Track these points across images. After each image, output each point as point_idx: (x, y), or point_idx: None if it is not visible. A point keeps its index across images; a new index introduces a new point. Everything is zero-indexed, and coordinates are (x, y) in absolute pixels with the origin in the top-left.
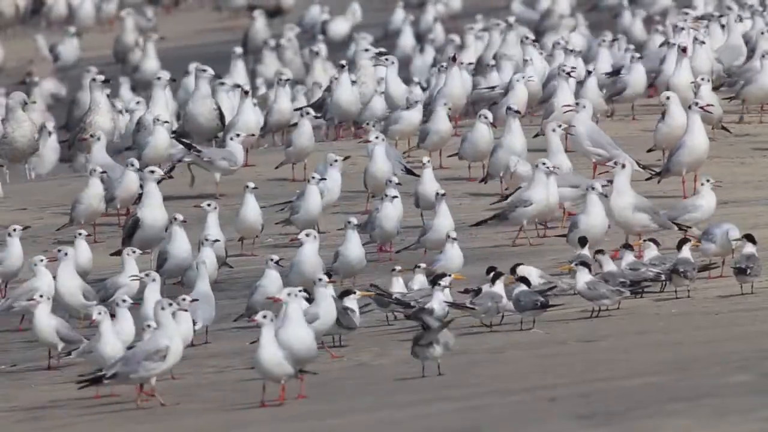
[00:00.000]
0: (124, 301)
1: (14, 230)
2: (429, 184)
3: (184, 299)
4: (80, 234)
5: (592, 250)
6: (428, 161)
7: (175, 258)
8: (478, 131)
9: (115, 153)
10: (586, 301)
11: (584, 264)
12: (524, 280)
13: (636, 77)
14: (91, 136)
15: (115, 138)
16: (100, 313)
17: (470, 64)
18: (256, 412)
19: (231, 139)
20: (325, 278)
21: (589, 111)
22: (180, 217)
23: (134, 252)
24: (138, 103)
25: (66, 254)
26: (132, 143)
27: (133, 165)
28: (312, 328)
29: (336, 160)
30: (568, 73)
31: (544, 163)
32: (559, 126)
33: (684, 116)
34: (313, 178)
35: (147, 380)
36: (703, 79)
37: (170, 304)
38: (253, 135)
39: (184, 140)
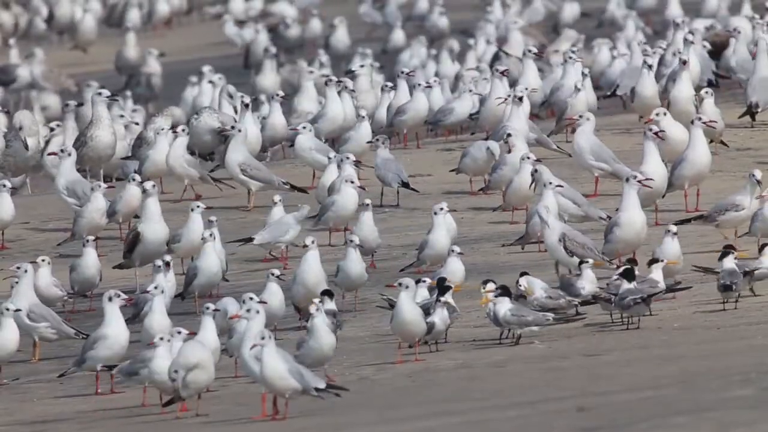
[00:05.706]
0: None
1: None
2: (368, 228)
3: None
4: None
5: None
6: (369, 202)
7: (205, 273)
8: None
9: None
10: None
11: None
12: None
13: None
14: (62, 151)
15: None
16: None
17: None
18: (258, 426)
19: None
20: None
21: (592, 124)
22: (207, 234)
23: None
24: (135, 111)
25: (26, 271)
26: (131, 156)
27: (134, 179)
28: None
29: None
30: (502, 73)
31: (752, 175)
32: (650, 129)
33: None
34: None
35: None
36: (707, 92)
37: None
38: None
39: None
